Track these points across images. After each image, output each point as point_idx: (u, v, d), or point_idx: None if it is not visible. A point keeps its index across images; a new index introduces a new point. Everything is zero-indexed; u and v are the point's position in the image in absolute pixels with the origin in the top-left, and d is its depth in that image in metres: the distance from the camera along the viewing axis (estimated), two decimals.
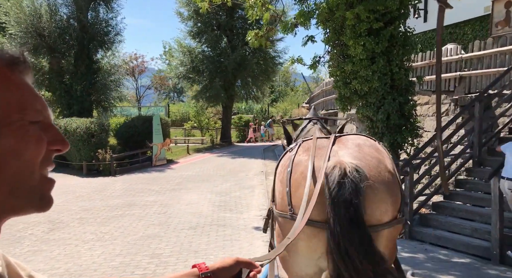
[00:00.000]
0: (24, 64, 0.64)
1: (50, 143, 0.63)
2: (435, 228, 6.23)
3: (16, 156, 0.58)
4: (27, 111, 0.60)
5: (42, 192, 0.62)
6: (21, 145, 0.58)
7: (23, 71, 0.64)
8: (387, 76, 7.43)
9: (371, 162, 2.04)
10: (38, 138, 0.60)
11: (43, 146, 0.61)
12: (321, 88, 16.94)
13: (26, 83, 0.63)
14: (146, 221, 7.32)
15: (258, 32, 8.14)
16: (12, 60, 0.62)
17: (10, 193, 0.58)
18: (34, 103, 0.62)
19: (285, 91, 52.37)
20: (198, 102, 24.10)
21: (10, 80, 0.60)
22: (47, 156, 0.63)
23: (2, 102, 0.58)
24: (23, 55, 0.65)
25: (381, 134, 7.77)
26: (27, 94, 0.62)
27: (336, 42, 7.92)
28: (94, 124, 14.33)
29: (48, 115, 0.65)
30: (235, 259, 0.96)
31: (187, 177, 12.59)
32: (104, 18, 19.35)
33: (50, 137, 0.63)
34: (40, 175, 0.62)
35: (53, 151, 0.64)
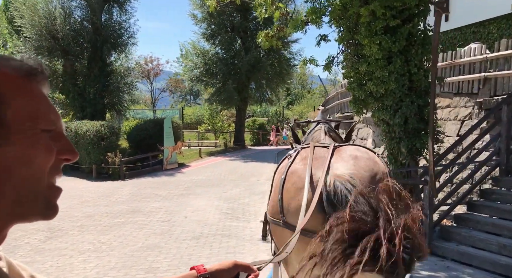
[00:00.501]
0: (41, 75, 0.66)
1: (60, 152, 0.64)
2: (458, 243, 5.68)
3: (26, 163, 0.59)
4: (40, 120, 0.61)
5: (48, 200, 0.62)
6: (31, 153, 0.59)
7: (41, 81, 0.66)
8: (404, 77, 6.94)
9: (365, 176, 2.05)
10: (48, 146, 0.61)
11: (52, 154, 0.62)
12: (336, 90, 16.41)
13: (42, 93, 0.65)
14: (148, 230, 6.98)
15: (268, 32, 7.74)
16: (30, 71, 0.64)
17: (17, 199, 0.59)
18: (48, 113, 0.64)
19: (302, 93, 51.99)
20: (212, 105, 23.82)
21: (26, 90, 0.62)
22: (56, 165, 0.63)
23: (16, 111, 0.59)
24: (41, 66, 0.67)
25: (398, 139, 7.26)
26: (42, 104, 0.63)
27: (350, 41, 7.45)
28: (104, 127, 14.14)
29: (60, 125, 0.66)
30: (234, 262, 0.98)
31: (196, 182, 12.25)
32: (118, 21, 19.27)
33: (61, 146, 0.64)
34: (47, 183, 0.62)
35: (62, 160, 0.65)
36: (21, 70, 0.63)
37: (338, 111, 15.49)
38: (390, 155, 7.59)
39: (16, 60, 0.65)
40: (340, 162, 2.18)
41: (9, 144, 0.58)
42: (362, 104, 7.51)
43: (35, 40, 17.59)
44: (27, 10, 17.46)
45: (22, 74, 0.62)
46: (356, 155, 2.24)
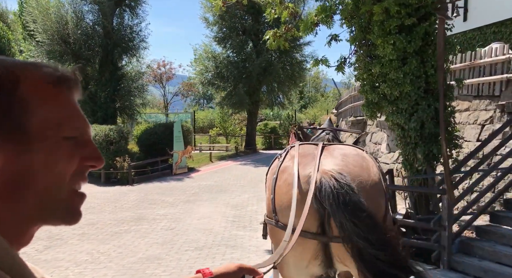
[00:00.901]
0: (73, 82, 0.66)
1: (85, 158, 0.64)
2: (480, 258, 5.24)
3: (47, 170, 0.59)
4: (63, 128, 0.61)
5: (69, 206, 0.63)
6: (52, 160, 0.60)
7: (71, 88, 0.66)
8: (420, 79, 6.53)
9: (353, 170, 2.07)
10: (70, 154, 0.62)
11: (74, 161, 0.62)
12: (349, 93, 15.98)
13: (69, 100, 0.65)
14: (150, 239, 6.70)
15: (276, 32, 7.40)
16: (61, 79, 0.64)
17: (38, 204, 0.59)
18: (73, 120, 0.64)
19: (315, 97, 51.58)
20: (223, 109, 23.58)
21: (53, 98, 0.62)
22: (80, 171, 0.64)
23: (40, 119, 0.59)
24: (75, 73, 0.67)
25: (414, 144, 6.85)
26: (68, 111, 0.64)
27: (363, 42, 7.08)
28: (113, 131, 13.99)
29: (87, 131, 0.67)
30: (239, 266, 0.99)
31: (204, 187, 11.97)
32: (129, 24, 19.21)
33: (87, 153, 0.65)
34: (69, 189, 0.63)
35: (87, 167, 0.66)
36: (51, 77, 0.63)
37: (351, 115, 15.06)
38: (405, 161, 7.18)
39: (48, 67, 0.64)
40: (329, 158, 2.18)
41: (31, 151, 0.59)
42: (375, 107, 7.12)
43: (47, 45, 17.63)
44: (39, 14, 17.53)
45: (52, 82, 0.62)
46: (344, 152, 2.26)
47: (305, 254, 2.04)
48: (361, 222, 1.84)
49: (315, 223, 2.05)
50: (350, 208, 1.87)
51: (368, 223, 1.86)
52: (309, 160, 2.19)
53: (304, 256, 2.05)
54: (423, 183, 7.06)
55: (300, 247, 2.01)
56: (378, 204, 2.08)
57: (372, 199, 2.03)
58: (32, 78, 0.61)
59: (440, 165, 7.01)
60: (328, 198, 1.92)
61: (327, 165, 2.10)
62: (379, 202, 2.10)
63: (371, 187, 2.06)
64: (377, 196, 2.10)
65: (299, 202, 2.01)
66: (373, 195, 2.07)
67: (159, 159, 15.06)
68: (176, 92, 36.34)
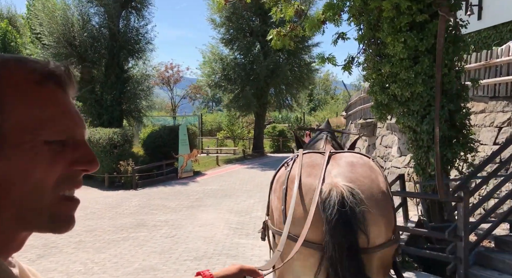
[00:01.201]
0: (63, 78, 0.61)
1: (76, 162, 0.60)
2: (500, 272, 4.84)
3: (23, 177, 0.55)
4: (44, 131, 0.56)
5: (54, 214, 0.58)
6: (29, 167, 0.55)
7: (62, 85, 0.60)
8: (433, 79, 6.13)
9: (364, 183, 2.08)
10: (51, 159, 0.57)
11: (57, 167, 0.57)
12: (359, 95, 15.57)
13: (57, 99, 0.59)
14: (149, 247, 6.40)
15: (280, 31, 7.08)
16: (47, 75, 0.59)
17: (16, 214, 0.56)
18: (59, 121, 0.58)
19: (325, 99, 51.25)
20: (230, 111, 23.30)
21: (34, 97, 0.57)
22: (70, 175, 0.59)
23: (16, 122, 0.55)
24: (67, 68, 0.63)
25: (427, 148, 6.47)
26: (53, 111, 0.58)
27: (372, 40, 6.73)
28: (117, 134, 13.77)
29: (79, 132, 0.62)
30: (239, 267, 0.98)
31: (209, 192, 11.66)
32: (135, 26, 19.04)
33: (78, 156, 0.60)
34: (54, 196, 0.58)
35: (79, 171, 0.61)
36: (36, 74, 0.58)
37: (360, 117, 14.65)
38: (417, 165, 6.80)
39: (36, 62, 0.60)
40: (337, 168, 2.18)
41: (5, 157, 0.54)
42: (385, 109, 6.75)
43: (53, 48, 17.54)
44: (45, 17, 17.45)
45: (36, 79, 0.58)
46: (352, 161, 2.26)
47: (315, 265, 2.05)
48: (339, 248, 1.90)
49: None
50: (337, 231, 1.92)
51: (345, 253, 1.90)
52: (318, 170, 2.19)
53: (314, 267, 2.06)
54: (436, 189, 6.66)
55: (312, 259, 2.04)
56: (389, 216, 2.12)
57: (384, 212, 2.07)
58: (11, 75, 0.57)
59: (455, 169, 6.63)
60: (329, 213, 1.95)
61: (337, 176, 2.10)
62: (390, 213, 2.13)
63: (381, 200, 2.08)
64: (388, 207, 2.12)
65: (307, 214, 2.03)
66: (385, 207, 2.09)
67: (164, 162, 14.80)
68: (184, 95, 36.19)
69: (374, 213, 2.01)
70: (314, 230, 1.97)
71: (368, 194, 2.03)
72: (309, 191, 2.12)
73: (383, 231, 2.06)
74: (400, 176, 7.16)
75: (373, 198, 2.04)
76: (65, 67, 0.63)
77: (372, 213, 2.00)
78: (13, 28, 26.77)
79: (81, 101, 18.81)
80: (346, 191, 1.96)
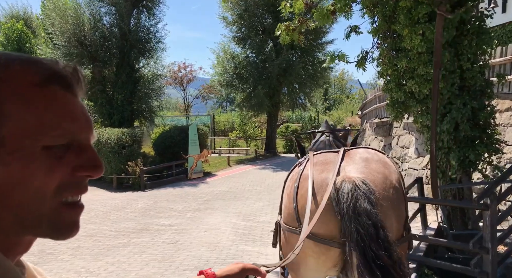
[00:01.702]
0: (69, 80, 0.60)
1: (80, 167, 0.58)
2: None
3: (22, 184, 0.54)
4: (44, 135, 0.55)
5: (55, 221, 0.57)
6: (28, 173, 0.54)
7: (69, 87, 0.59)
8: (455, 75, 5.67)
9: (377, 178, 2.09)
10: (50, 165, 0.55)
11: (55, 173, 0.56)
12: (374, 93, 15.00)
13: (62, 101, 0.58)
14: (149, 254, 6.06)
15: (289, 25, 6.65)
16: (51, 76, 0.58)
17: (15, 221, 0.55)
18: (60, 124, 0.56)
19: (340, 98, 50.63)
20: (242, 111, 22.92)
21: (36, 100, 0.55)
22: (73, 181, 0.58)
23: (15, 127, 0.54)
24: (74, 68, 0.61)
25: (447, 149, 5.98)
26: (54, 114, 0.56)
27: (387, 33, 6.25)
28: (126, 134, 13.52)
29: (84, 136, 0.60)
30: (242, 266, 0.97)
31: (218, 194, 11.31)
32: (146, 25, 18.83)
33: (82, 161, 0.58)
34: (56, 203, 0.57)
35: (83, 177, 0.59)
36: (40, 76, 0.57)
37: (376, 116, 14.09)
38: (436, 168, 6.28)
39: (40, 63, 0.58)
40: (352, 165, 2.16)
41: (2, 164, 0.53)
42: (401, 107, 6.28)
43: (64, 47, 17.44)
44: (56, 17, 17.37)
45: (39, 81, 0.56)
46: (366, 157, 2.23)
47: (328, 262, 2.03)
48: (364, 230, 1.84)
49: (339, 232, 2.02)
50: (358, 214, 1.87)
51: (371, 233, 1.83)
52: (332, 167, 2.18)
53: (327, 264, 2.05)
54: (457, 194, 6.17)
55: (324, 256, 2.03)
56: (401, 211, 2.10)
57: (396, 206, 2.06)
58: (12, 78, 0.55)
59: (478, 172, 6.11)
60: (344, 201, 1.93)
61: (351, 172, 2.10)
62: (401, 209, 2.11)
63: (394, 195, 2.07)
64: (400, 203, 2.11)
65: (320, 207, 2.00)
66: (397, 202, 2.08)
67: (174, 163, 14.52)
68: (196, 95, 35.99)
69: (386, 207, 1.98)
70: (326, 226, 1.95)
71: (381, 188, 2.01)
72: (321, 186, 2.10)
73: (395, 225, 2.03)
74: (418, 180, 6.66)
75: (385, 192, 2.02)
76: (73, 68, 0.61)
77: (384, 206, 1.98)
78: (28, 29, 26.94)
79: (92, 101, 18.70)
80: (358, 180, 1.95)
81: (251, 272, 0.98)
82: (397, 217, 2.06)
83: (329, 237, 2.00)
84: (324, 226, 1.96)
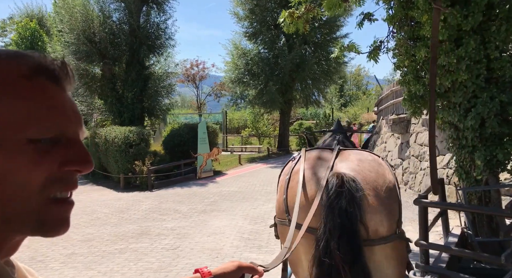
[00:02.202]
0: (57, 73, 0.59)
1: (67, 162, 0.57)
2: None
3: (6, 179, 0.52)
4: (30, 128, 0.54)
5: (43, 218, 0.56)
6: (12, 167, 0.52)
7: (57, 80, 0.59)
8: (480, 65, 5.08)
9: (369, 175, 2.10)
10: (36, 159, 0.54)
11: (41, 168, 0.54)
12: (390, 88, 14.31)
13: (45, 94, 0.57)
14: (145, 263, 5.64)
15: (293, 12, 6.11)
16: (38, 69, 0.57)
17: (3, 218, 0.53)
18: (47, 117, 0.55)
19: (356, 95, 49.88)
20: (254, 108, 22.43)
21: (23, 93, 0.55)
22: (61, 177, 0.57)
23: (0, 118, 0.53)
24: (63, 62, 0.61)
25: (472, 148, 5.39)
26: (41, 106, 0.55)
27: (404, 20, 5.69)
28: (133, 133, 13.17)
29: (72, 130, 0.59)
30: (238, 264, 0.96)
31: (226, 194, 10.87)
32: (155, 22, 18.49)
33: (71, 156, 0.57)
34: (42, 199, 0.55)
35: (71, 172, 0.58)
36: (25, 69, 0.56)
37: (392, 112, 13.42)
38: (459, 168, 5.71)
39: (27, 56, 0.58)
40: (345, 162, 2.21)
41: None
42: (420, 102, 5.70)
43: (73, 45, 17.25)
44: (66, 14, 17.19)
45: (25, 74, 0.55)
46: (360, 157, 2.27)
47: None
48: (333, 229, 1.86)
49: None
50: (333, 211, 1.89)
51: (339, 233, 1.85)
52: (324, 162, 2.22)
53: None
54: (483, 196, 5.57)
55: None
56: (392, 210, 2.08)
57: (387, 205, 2.04)
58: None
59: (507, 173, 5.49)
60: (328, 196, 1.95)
61: (342, 168, 2.13)
62: (393, 208, 2.09)
63: (385, 193, 2.07)
64: (392, 203, 2.09)
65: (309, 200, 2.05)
66: (388, 201, 2.07)
67: (182, 162, 14.14)
68: (209, 92, 35.64)
69: (375, 202, 1.98)
70: (317, 218, 1.94)
71: (372, 185, 2.02)
72: (311, 180, 2.13)
73: (385, 222, 2.00)
74: (439, 181, 6.06)
75: (376, 189, 2.02)
76: (61, 62, 0.61)
77: (372, 202, 1.98)
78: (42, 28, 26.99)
79: (102, 99, 18.50)
80: (347, 176, 1.97)
81: (248, 271, 0.97)
82: (387, 214, 2.02)
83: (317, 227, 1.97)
84: (313, 218, 1.93)
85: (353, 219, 1.87)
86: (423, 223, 4.71)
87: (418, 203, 4.63)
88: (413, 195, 9.93)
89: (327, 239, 1.85)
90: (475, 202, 5.59)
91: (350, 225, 1.86)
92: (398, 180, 11.74)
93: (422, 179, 10.27)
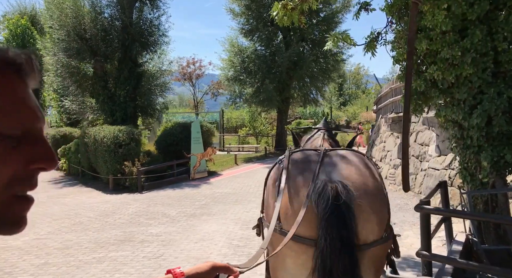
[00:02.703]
0: (21, 67, 0.56)
1: (32, 160, 0.55)
2: None
3: None
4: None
5: (4, 215, 0.54)
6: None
7: (21, 75, 0.56)
8: (487, 58, 4.67)
9: (358, 179, 2.10)
10: (2, 156, 0.52)
11: (8, 165, 0.53)
12: (389, 86, 13.86)
13: (11, 89, 0.54)
14: (123, 274, 5.20)
15: (286, 3, 5.67)
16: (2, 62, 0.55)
17: None
18: (13, 114, 0.54)
19: (356, 93, 49.60)
20: (250, 107, 21.98)
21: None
22: (26, 175, 0.55)
23: None
24: (28, 56, 0.58)
25: (477, 148, 4.98)
26: (6, 102, 0.53)
27: (403, 10, 5.27)
28: (122, 132, 12.71)
29: (37, 127, 0.57)
30: (212, 265, 0.94)
31: (218, 196, 10.43)
32: (148, 18, 18.00)
33: (34, 153, 0.55)
34: (5, 196, 0.54)
35: (35, 170, 0.56)
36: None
37: (391, 111, 12.98)
38: (464, 170, 5.30)
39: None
40: (331, 165, 2.20)
41: None
42: (421, 98, 5.28)
43: (64, 42, 16.76)
44: (56, 10, 16.70)
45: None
46: (346, 158, 2.28)
47: (309, 262, 1.97)
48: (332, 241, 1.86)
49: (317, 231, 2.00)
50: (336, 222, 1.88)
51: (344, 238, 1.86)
52: (311, 166, 2.19)
53: (307, 265, 1.98)
54: (490, 201, 5.15)
55: (304, 256, 2.00)
56: (383, 217, 2.08)
57: (378, 212, 2.05)
58: None
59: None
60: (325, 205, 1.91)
61: (331, 173, 2.11)
62: (383, 213, 2.09)
63: (376, 197, 2.08)
64: (382, 208, 2.09)
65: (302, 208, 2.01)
66: (379, 208, 2.07)
67: (175, 162, 13.69)
68: (206, 91, 35.18)
69: (367, 210, 1.99)
70: (306, 226, 1.94)
71: (362, 190, 2.01)
72: (302, 187, 2.10)
73: (376, 228, 2.01)
74: (441, 184, 5.62)
75: (366, 194, 2.02)
76: (26, 56, 0.58)
77: (365, 210, 1.98)
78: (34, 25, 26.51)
79: (94, 98, 18.03)
80: (340, 186, 1.96)
81: (222, 271, 0.95)
82: (378, 220, 2.03)
83: (310, 237, 1.97)
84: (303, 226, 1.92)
85: (350, 231, 1.88)
86: (425, 231, 4.29)
87: (419, 209, 4.20)
88: (413, 197, 9.50)
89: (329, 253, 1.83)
90: (481, 207, 5.17)
91: (348, 237, 1.86)
92: (397, 181, 11.28)
93: (423, 180, 9.83)
